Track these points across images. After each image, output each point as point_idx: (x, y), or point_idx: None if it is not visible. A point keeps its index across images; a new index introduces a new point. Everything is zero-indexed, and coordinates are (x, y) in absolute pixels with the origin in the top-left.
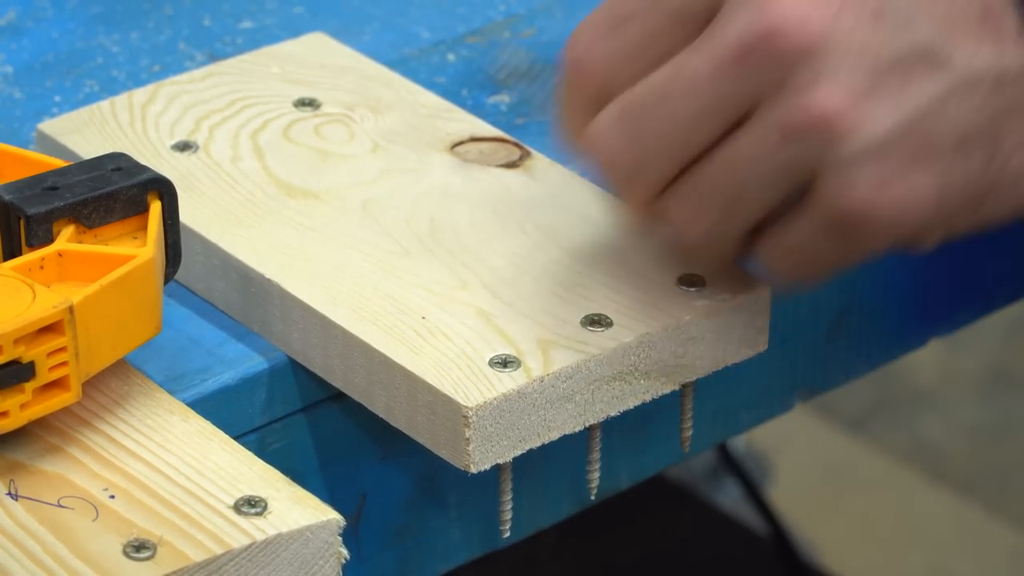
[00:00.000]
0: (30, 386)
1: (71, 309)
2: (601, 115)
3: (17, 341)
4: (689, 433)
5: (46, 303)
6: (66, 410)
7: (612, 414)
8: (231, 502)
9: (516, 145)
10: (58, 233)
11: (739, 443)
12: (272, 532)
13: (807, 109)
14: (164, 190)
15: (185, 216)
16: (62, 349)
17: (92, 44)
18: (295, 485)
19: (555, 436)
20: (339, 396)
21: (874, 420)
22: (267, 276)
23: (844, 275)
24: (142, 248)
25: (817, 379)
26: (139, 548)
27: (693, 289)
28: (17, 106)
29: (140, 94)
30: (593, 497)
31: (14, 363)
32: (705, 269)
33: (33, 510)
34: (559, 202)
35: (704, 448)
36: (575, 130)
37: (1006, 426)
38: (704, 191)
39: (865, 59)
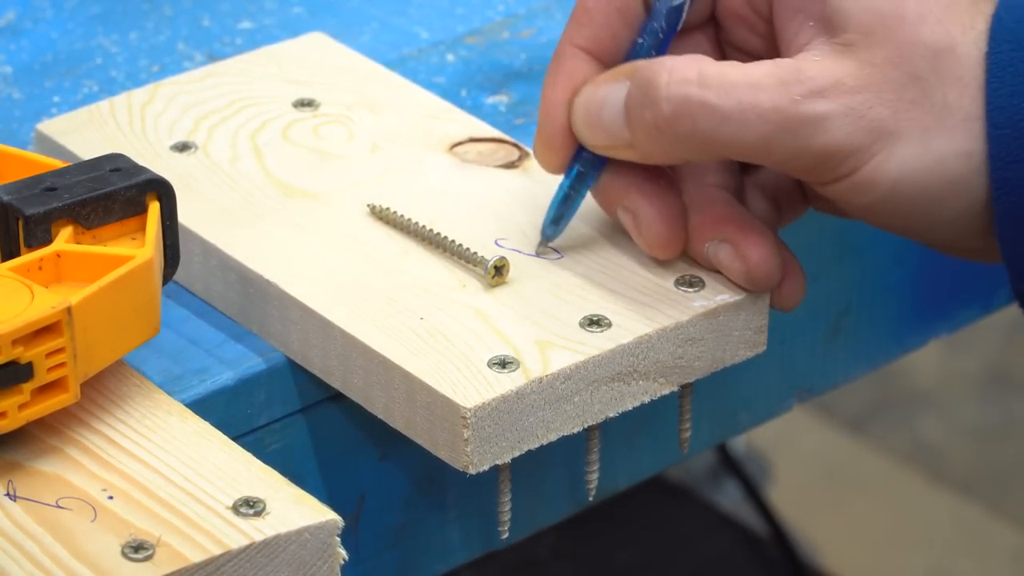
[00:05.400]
0: (28, 387)
1: (69, 310)
2: None
3: (15, 342)
4: (688, 434)
5: (44, 304)
6: (64, 411)
7: (611, 415)
8: (229, 503)
9: (515, 146)
10: (56, 234)
11: (739, 444)
12: (270, 533)
13: None
14: (163, 191)
15: (184, 217)
16: (60, 350)
17: (91, 44)
18: (293, 486)
19: (554, 437)
20: (338, 397)
21: (874, 420)
22: (266, 277)
23: (844, 276)
24: (140, 249)
25: (816, 379)
26: (137, 549)
27: (692, 290)
28: (16, 106)
29: (139, 94)
30: (591, 498)
31: (12, 364)
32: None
33: (31, 511)
34: None
35: (703, 449)
36: None
37: (1006, 426)
38: None
39: None
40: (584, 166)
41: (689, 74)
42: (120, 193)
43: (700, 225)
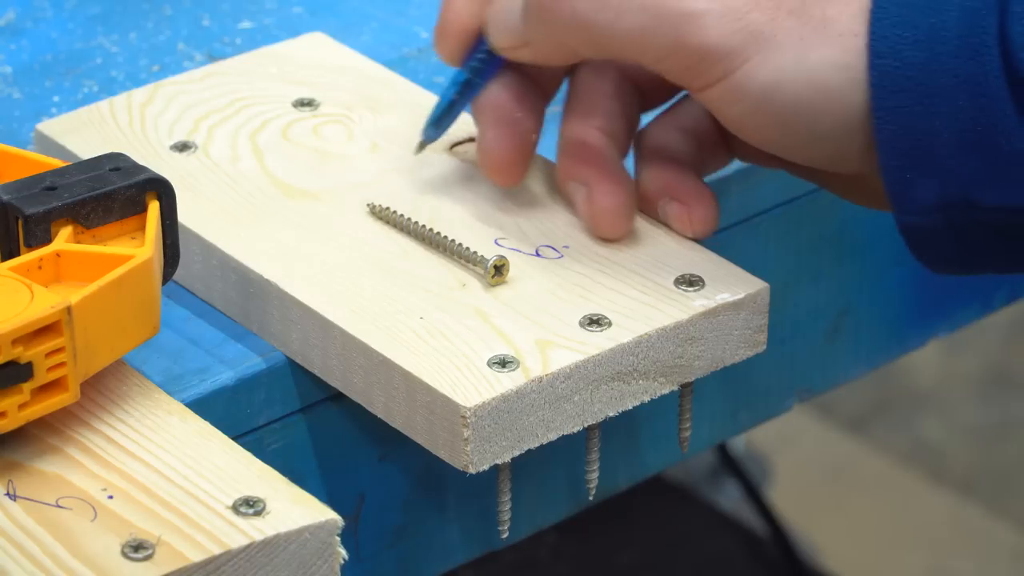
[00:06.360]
0: (28, 386)
1: (69, 309)
2: None
3: (15, 341)
4: (688, 433)
5: (44, 303)
6: (64, 410)
7: (611, 414)
8: (229, 502)
9: None
10: (56, 233)
11: (739, 443)
12: (270, 532)
13: None
14: (162, 190)
15: (184, 216)
16: (60, 349)
17: (91, 44)
18: (293, 485)
19: (553, 436)
20: (338, 396)
21: (874, 420)
22: (266, 276)
23: (843, 276)
24: (140, 248)
25: (816, 379)
26: (137, 548)
27: (692, 289)
28: (16, 106)
29: (139, 94)
30: (591, 497)
31: (12, 363)
32: (703, 269)
33: (31, 510)
34: (557, 202)
35: (703, 448)
36: None
37: (1006, 426)
38: None
39: None
40: (473, 74)
41: None
42: (120, 192)
43: (564, 164)
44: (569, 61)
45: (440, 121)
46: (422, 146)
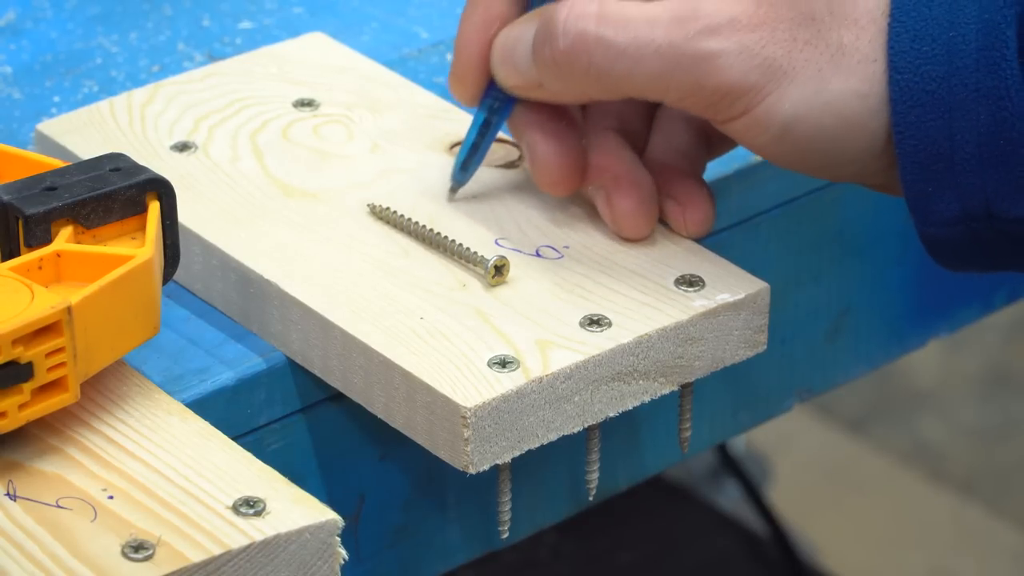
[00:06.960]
0: (28, 387)
1: (69, 310)
2: None
3: (15, 342)
4: (688, 434)
5: (44, 303)
6: (65, 411)
7: (611, 415)
8: (230, 503)
9: (515, 145)
10: (56, 233)
11: (739, 444)
12: (271, 533)
13: None
14: (163, 190)
15: (184, 216)
16: (60, 350)
17: (91, 44)
18: (293, 486)
19: (554, 437)
20: (338, 397)
21: (874, 420)
22: (266, 277)
23: (844, 276)
24: (140, 248)
25: (817, 379)
26: (137, 548)
27: (692, 290)
28: (16, 106)
29: (139, 94)
30: (592, 498)
31: (12, 364)
32: (704, 270)
33: (31, 510)
34: (557, 202)
35: (703, 449)
36: None
37: (1006, 426)
38: None
39: None
40: (491, 114)
41: (588, 9)
42: (120, 193)
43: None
44: (586, 101)
45: (466, 164)
46: (453, 191)
